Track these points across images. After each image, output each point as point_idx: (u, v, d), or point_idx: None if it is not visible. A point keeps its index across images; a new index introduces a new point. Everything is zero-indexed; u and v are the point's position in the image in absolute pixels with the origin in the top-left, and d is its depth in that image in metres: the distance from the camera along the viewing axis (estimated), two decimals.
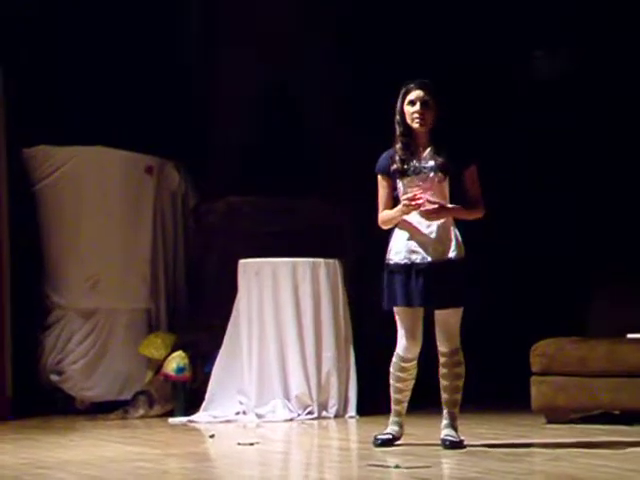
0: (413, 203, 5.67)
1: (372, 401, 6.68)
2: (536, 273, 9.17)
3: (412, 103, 5.78)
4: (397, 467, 5.13)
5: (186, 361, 7.92)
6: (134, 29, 8.80)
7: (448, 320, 5.90)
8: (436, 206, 5.69)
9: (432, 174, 5.74)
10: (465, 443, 5.81)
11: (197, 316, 8.52)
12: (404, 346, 5.92)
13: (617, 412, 7.08)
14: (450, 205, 5.78)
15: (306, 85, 8.96)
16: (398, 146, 5.81)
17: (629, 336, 7.12)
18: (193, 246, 8.89)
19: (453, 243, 5.80)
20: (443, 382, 5.96)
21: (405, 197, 5.73)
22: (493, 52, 9.06)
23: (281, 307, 7.64)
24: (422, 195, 5.66)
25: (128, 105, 8.72)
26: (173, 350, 8.03)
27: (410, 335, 5.89)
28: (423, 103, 5.76)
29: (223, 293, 8.00)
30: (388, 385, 6.06)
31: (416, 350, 5.94)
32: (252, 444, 6.23)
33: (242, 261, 7.82)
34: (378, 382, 6.72)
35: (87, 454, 6.04)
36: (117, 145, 8.47)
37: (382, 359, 6.78)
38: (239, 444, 6.24)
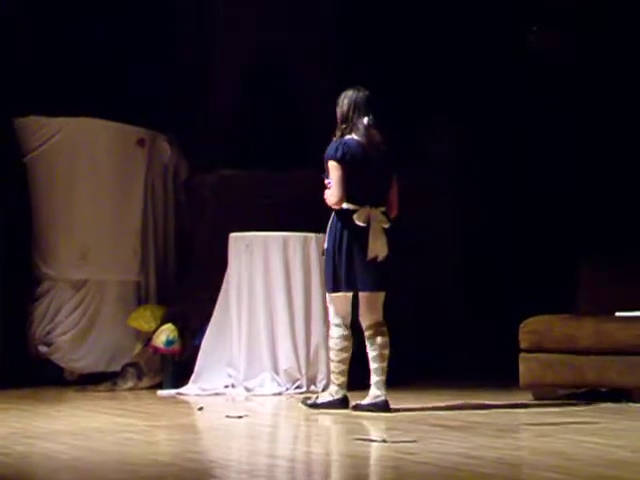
0: None
1: (360, 375, 6.70)
2: (526, 250, 9.20)
3: None
4: (384, 441, 5.15)
5: (175, 334, 7.92)
6: (129, 2, 8.77)
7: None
8: None
9: None
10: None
11: (187, 289, 8.52)
12: None
13: (604, 389, 7.11)
14: None
15: (297, 55, 8.94)
16: None
17: (618, 314, 7.14)
18: (184, 219, 8.88)
19: None
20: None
21: None
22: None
23: (271, 281, 7.64)
24: None
25: (120, 76, 8.69)
26: (162, 323, 8.03)
27: None
28: None
29: (213, 266, 8.00)
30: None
31: None
32: (240, 417, 6.24)
33: (233, 234, 7.81)
34: (366, 357, 6.74)
35: (75, 425, 6.04)
36: (109, 117, 8.43)
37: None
38: (227, 417, 6.25)
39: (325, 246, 6.53)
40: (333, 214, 6.48)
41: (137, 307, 8.36)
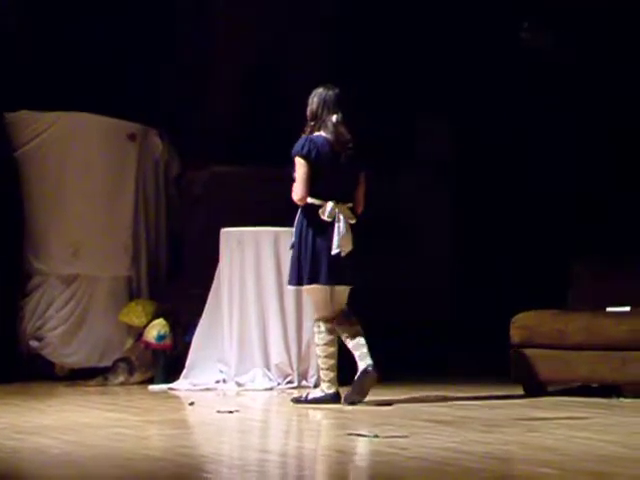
0: None
1: (352, 371, 6.71)
2: (517, 246, 9.23)
3: None
4: (376, 437, 5.16)
5: (167, 329, 7.92)
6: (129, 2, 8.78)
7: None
8: None
9: None
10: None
11: (178, 284, 8.52)
12: None
13: (595, 385, 7.12)
14: None
15: (291, 55, 8.95)
16: None
17: (609, 309, 7.16)
18: (175, 214, 8.88)
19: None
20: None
21: None
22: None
23: (262, 276, 7.64)
24: None
25: (113, 72, 8.68)
26: (154, 318, 8.03)
27: None
28: None
29: (205, 262, 8.00)
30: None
31: None
32: (231, 412, 6.25)
33: (224, 230, 7.81)
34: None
35: (66, 420, 6.04)
36: (100, 112, 8.42)
37: (364, 330, 6.82)
38: (218, 412, 6.26)
39: (292, 240, 6.62)
40: (299, 209, 6.58)
41: (128, 302, 8.35)
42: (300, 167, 6.48)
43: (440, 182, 9.40)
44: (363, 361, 6.49)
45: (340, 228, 6.48)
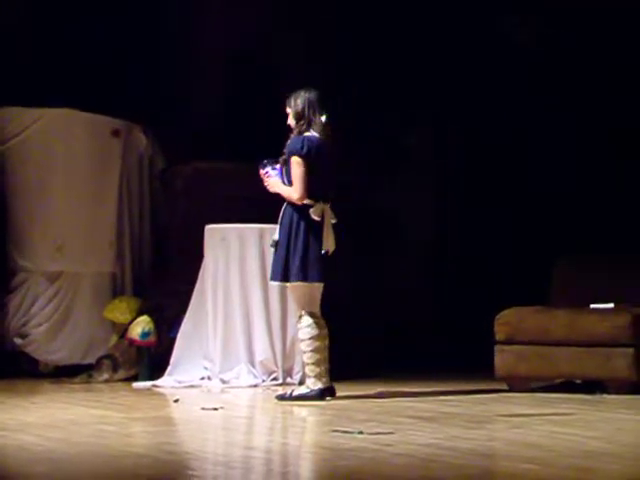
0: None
1: (337, 368, 6.72)
2: (501, 244, 9.26)
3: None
4: (361, 433, 5.17)
5: (151, 326, 7.91)
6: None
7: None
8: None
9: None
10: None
11: (163, 281, 8.50)
12: None
13: (578, 381, 7.15)
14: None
15: (273, 50, 8.95)
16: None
17: (592, 306, 7.18)
18: (160, 210, 8.86)
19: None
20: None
21: None
22: None
23: (247, 273, 7.64)
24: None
25: (97, 68, 8.66)
26: (138, 315, 8.01)
27: None
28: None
29: (189, 258, 7.98)
30: (355, 351, 6.26)
31: None
32: (216, 409, 6.24)
33: (208, 226, 7.80)
34: (344, 349, 6.77)
35: (50, 417, 6.03)
36: (85, 108, 8.40)
37: (349, 327, 6.83)
38: (203, 409, 6.25)
39: (275, 237, 6.65)
40: (286, 207, 6.63)
41: (113, 299, 8.33)
42: (299, 166, 6.53)
43: (424, 182, 9.42)
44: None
45: (328, 228, 6.57)
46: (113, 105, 8.46)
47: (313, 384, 6.58)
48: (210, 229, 7.78)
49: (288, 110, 6.68)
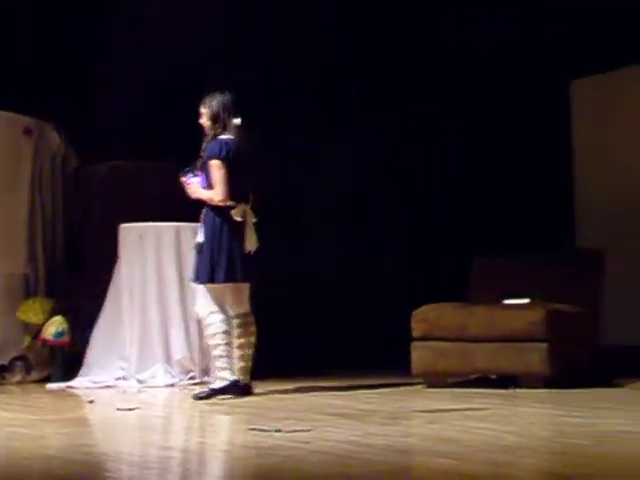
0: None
1: (255, 367, 6.71)
2: (419, 242, 9.34)
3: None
4: (278, 431, 5.15)
5: (65, 325, 7.80)
6: None
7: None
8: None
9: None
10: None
11: (78, 281, 8.39)
12: None
13: (494, 376, 7.22)
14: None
15: (195, 51, 8.91)
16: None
17: (506, 302, 7.26)
18: (73, 209, 8.74)
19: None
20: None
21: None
22: None
23: (163, 272, 7.58)
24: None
25: (11, 66, 8.53)
26: (52, 315, 7.90)
27: None
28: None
29: (105, 258, 7.89)
30: (274, 351, 6.31)
31: None
32: (132, 409, 6.18)
33: (123, 225, 7.71)
34: (264, 347, 6.77)
35: None
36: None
37: (270, 325, 6.84)
38: (118, 409, 6.18)
39: (199, 240, 6.70)
40: (206, 209, 6.72)
41: (25, 300, 8.20)
42: (219, 169, 6.65)
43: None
44: (244, 375, 6.66)
45: (250, 228, 6.66)
46: (26, 103, 8.33)
47: (230, 375, 6.61)
48: (125, 228, 7.70)
49: (203, 110, 6.76)
